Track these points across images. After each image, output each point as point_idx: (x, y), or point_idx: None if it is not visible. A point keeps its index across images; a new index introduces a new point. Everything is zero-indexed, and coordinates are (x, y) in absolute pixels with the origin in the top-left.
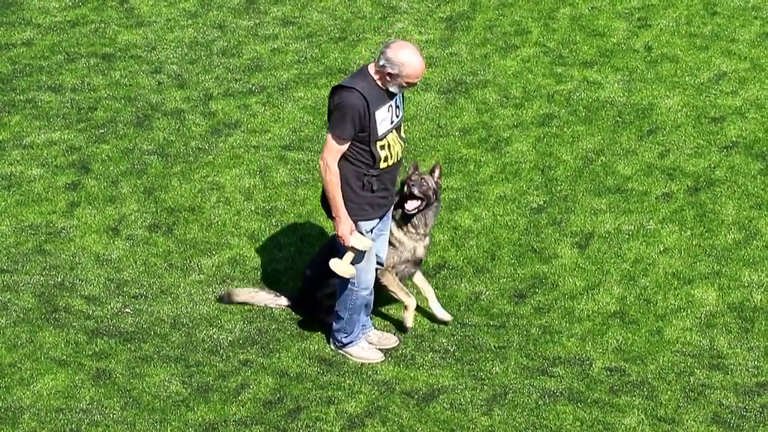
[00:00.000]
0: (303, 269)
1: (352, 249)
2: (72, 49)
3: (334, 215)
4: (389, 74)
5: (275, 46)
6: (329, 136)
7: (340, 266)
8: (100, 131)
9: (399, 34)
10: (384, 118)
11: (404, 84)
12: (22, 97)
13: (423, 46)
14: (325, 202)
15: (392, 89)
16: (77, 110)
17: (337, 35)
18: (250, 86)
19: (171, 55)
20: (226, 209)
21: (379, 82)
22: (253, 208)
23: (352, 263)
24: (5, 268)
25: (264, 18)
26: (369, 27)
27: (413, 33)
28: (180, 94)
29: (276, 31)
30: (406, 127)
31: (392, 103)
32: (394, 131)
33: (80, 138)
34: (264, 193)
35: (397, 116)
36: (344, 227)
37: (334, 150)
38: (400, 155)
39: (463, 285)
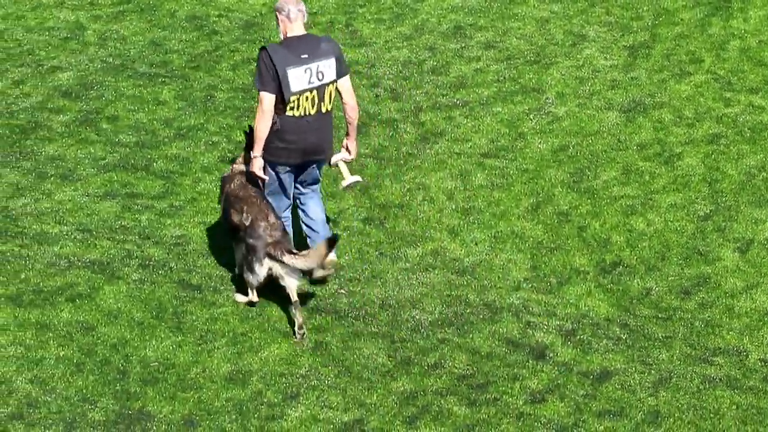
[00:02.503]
0: (501, 262)
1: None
2: None
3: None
4: None
5: (478, 67)
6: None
7: (357, 179)
8: None
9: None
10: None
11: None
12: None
13: (607, 70)
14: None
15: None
16: None
17: (532, 58)
18: (455, 101)
19: (387, 72)
20: (430, 207)
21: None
22: (453, 207)
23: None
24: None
25: (469, 42)
26: (560, 52)
27: (599, 59)
28: (394, 106)
29: (479, 54)
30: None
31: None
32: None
33: None
34: (463, 194)
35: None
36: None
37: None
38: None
39: (635, 281)
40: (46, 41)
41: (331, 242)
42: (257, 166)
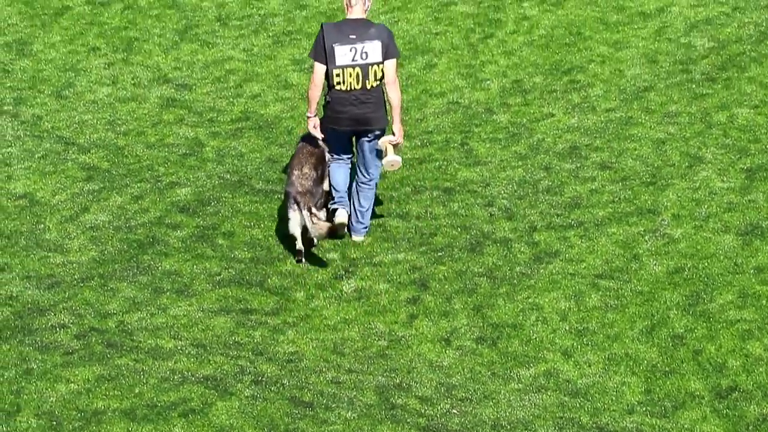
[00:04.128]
0: (614, 385)
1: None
2: (419, 182)
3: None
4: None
5: (593, 187)
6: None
7: (396, 158)
8: (439, 254)
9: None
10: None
11: None
12: (374, 222)
13: (724, 192)
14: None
15: None
16: (420, 235)
17: (648, 179)
18: (570, 221)
19: (502, 191)
20: (544, 327)
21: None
22: (566, 328)
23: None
24: (353, 368)
25: (584, 162)
26: (677, 174)
27: (716, 181)
28: (508, 225)
29: (594, 174)
30: None
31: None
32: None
33: (421, 259)
34: (577, 315)
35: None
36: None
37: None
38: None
39: (752, 407)
40: (165, 157)
41: (339, 228)
42: (311, 124)
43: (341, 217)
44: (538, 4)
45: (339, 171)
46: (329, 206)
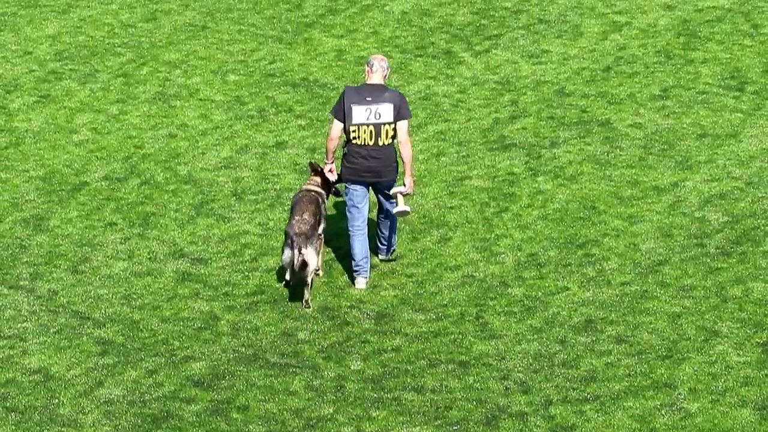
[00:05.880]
0: None
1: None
2: (434, 355)
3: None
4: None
5: (609, 361)
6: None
7: (405, 209)
8: (454, 428)
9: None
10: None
11: None
12: (389, 395)
13: (740, 367)
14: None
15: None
16: (435, 408)
17: (664, 353)
18: (586, 394)
19: (518, 365)
20: None
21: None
22: None
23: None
24: None
25: (600, 336)
26: (693, 348)
27: (732, 355)
28: (524, 399)
29: (610, 348)
30: None
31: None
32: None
33: None
34: None
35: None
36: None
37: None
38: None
39: None
40: (180, 331)
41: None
42: (326, 169)
43: (359, 284)
44: (552, 178)
45: (356, 241)
46: (354, 272)
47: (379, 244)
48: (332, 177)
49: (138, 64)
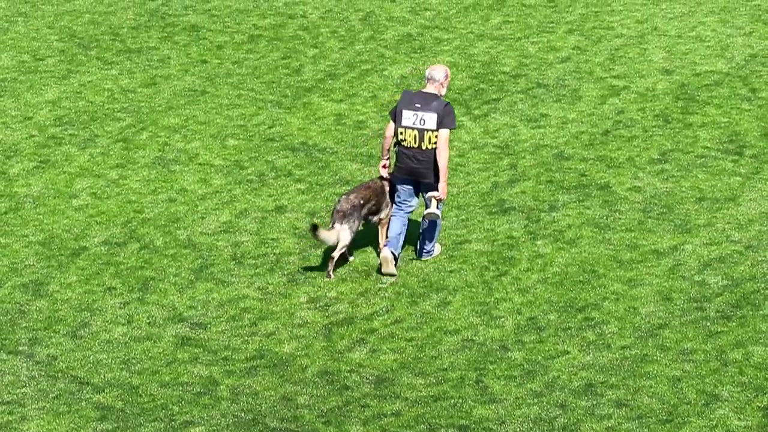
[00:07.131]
0: None
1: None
2: (434, 420)
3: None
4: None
5: (609, 425)
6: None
7: (434, 211)
8: None
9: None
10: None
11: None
12: None
13: (741, 430)
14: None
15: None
16: None
17: (664, 417)
18: None
19: (518, 429)
20: None
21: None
22: None
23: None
24: None
25: (600, 400)
26: (693, 412)
27: (733, 419)
28: None
29: (610, 412)
30: None
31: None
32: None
33: None
34: None
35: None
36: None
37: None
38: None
39: None
40: (179, 396)
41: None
42: (381, 164)
43: (384, 253)
44: (551, 242)
45: (394, 220)
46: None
47: (419, 247)
48: (384, 173)
49: (137, 129)
